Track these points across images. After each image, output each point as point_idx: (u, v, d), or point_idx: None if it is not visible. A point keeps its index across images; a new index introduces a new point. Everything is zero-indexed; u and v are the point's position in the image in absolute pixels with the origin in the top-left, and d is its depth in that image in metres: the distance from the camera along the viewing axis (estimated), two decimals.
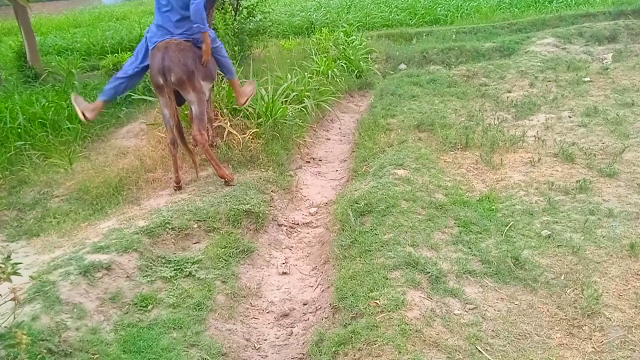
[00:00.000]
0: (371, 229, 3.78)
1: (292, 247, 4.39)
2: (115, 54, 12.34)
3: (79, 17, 22.34)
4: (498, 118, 6.27)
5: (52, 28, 20.25)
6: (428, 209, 4.01)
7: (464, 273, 3.26)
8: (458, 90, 7.63)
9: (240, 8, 9.58)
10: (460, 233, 3.74)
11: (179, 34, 4.50)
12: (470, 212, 4.02)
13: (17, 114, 6.38)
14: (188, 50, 4.44)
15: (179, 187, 4.79)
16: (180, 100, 4.68)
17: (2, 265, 2.19)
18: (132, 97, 7.14)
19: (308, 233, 4.60)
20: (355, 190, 4.45)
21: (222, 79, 6.86)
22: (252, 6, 9.73)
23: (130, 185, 4.99)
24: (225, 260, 3.86)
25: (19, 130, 6.21)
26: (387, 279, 3.14)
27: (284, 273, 4.00)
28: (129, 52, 12.58)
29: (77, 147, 6.14)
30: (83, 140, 6.39)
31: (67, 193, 5.05)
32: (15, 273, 2.12)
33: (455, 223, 3.87)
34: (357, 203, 4.14)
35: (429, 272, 3.19)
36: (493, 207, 4.16)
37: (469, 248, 3.56)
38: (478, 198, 4.33)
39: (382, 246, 3.53)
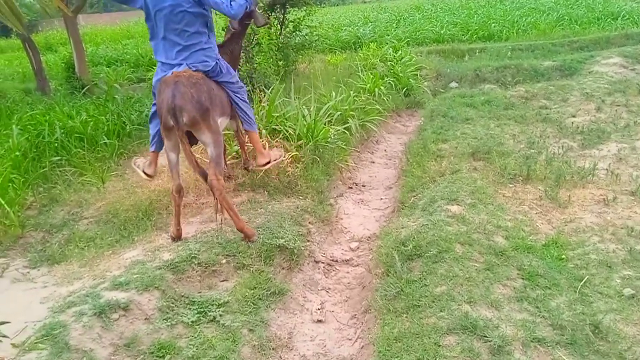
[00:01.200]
0: (420, 278, 3.31)
1: (329, 288, 3.96)
2: (149, 68, 12.39)
3: (132, 28, 22.80)
4: (563, 146, 5.67)
5: (105, 39, 20.73)
6: (486, 256, 3.50)
7: (531, 341, 2.74)
8: (516, 113, 7.05)
9: (286, 22, 9.30)
10: (525, 287, 3.21)
11: (191, 65, 3.83)
12: (536, 261, 3.48)
13: (55, 128, 6.25)
14: (201, 83, 3.76)
15: (178, 238, 4.07)
16: (193, 140, 3.96)
17: None
18: None
19: (348, 273, 4.15)
20: (402, 228, 3.98)
21: (262, 96, 6.56)
22: (298, 20, 9.44)
23: (160, 209, 4.69)
24: (254, 303, 3.46)
25: (56, 144, 6.07)
26: (439, 345, 2.66)
27: (319, 321, 3.56)
28: None
29: (112, 164, 5.93)
30: (119, 156, 6.19)
31: (96, 215, 4.79)
32: None
33: (518, 274, 3.34)
34: (404, 245, 3.67)
35: (490, 340, 2.69)
36: (562, 255, 3.61)
37: (536, 307, 3.03)
38: (544, 243, 3.79)
39: (433, 301, 3.05)
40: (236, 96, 4.24)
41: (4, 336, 1.92)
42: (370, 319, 3.41)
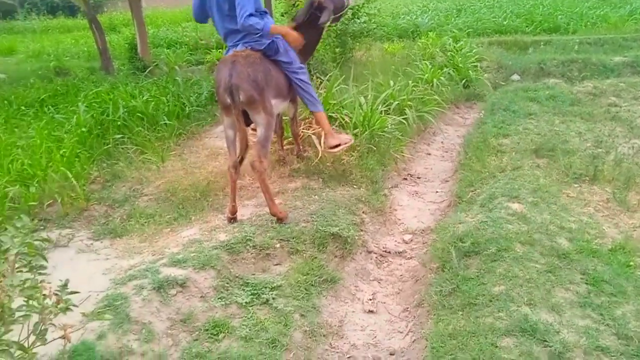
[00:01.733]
0: (477, 276, 3.22)
1: (381, 280, 3.92)
2: (220, 49, 12.56)
3: (191, 11, 23.14)
4: (633, 147, 5.38)
5: (166, 21, 21.20)
6: (548, 257, 3.37)
7: (594, 349, 2.62)
8: (583, 110, 6.74)
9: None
10: (588, 293, 3.07)
11: (245, 43, 3.96)
12: (601, 266, 3.32)
13: (118, 107, 6.45)
14: (258, 63, 3.84)
15: (233, 219, 4.10)
16: (248, 121, 3.99)
17: (59, 294, 1.93)
18: None
19: (400, 265, 4.10)
20: (460, 223, 3.88)
21: (319, 83, 6.54)
22: (357, 7, 9.33)
23: (217, 190, 4.77)
24: (306, 289, 3.47)
25: (119, 123, 6.27)
26: (496, 347, 2.59)
27: (370, 311, 3.54)
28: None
29: (172, 144, 6.08)
30: (178, 137, 6.33)
31: (155, 192, 4.93)
32: (67, 309, 1.87)
33: (582, 279, 3.20)
34: (461, 241, 3.58)
35: (550, 345, 2.59)
36: (630, 262, 3.43)
37: (601, 315, 2.90)
38: (610, 247, 3.61)
39: (491, 301, 2.96)
40: (295, 77, 4.26)
41: (74, 305, 2.00)
42: (422, 314, 3.36)
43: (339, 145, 4.47)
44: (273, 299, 3.34)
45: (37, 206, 4.56)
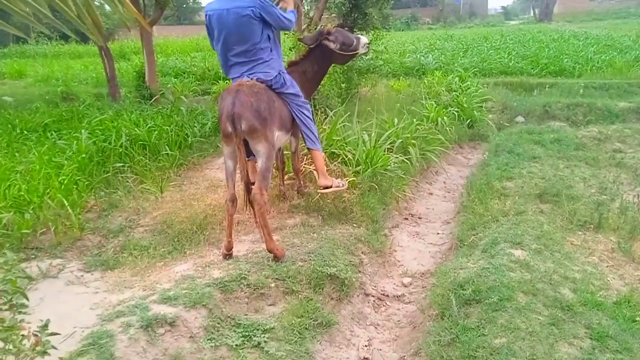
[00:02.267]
0: (478, 326, 3.10)
1: (378, 324, 3.80)
2: (227, 80, 12.68)
3: (201, 42, 23.51)
4: (638, 195, 5.29)
5: (175, 50, 21.52)
6: (552, 309, 3.25)
7: None
8: (587, 154, 6.69)
9: None
10: (593, 349, 2.94)
11: (250, 75, 3.97)
12: (606, 320, 3.20)
13: (121, 135, 6.44)
14: (262, 93, 3.82)
15: (229, 255, 3.99)
16: (248, 153, 3.93)
17: (38, 334, 1.83)
18: None
19: (398, 309, 3.98)
20: (461, 269, 3.78)
21: (324, 119, 6.52)
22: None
23: (214, 224, 4.69)
24: (300, 333, 3.35)
25: (121, 151, 6.24)
26: None
27: (366, 358, 3.40)
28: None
29: (172, 174, 6.03)
30: (179, 167, 6.29)
31: (151, 224, 4.85)
32: (45, 353, 1.77)
33: (586, 333, 3.07)
34: (462, 288, 3.47)
35: None
36: (636, 316, 3.30)
37: None
38: (615, 300, 3.48)
39: (491, 354, 2.84)
40: (299, 111, 4.23)
41: (54, 347, 1.90)
42: None
43: (330, 187, 4.43)
44: (265, 342, 3.21)
45: (30, 234, 4.48)
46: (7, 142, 7.02)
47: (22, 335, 1.86)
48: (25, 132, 7.55)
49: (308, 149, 4.44)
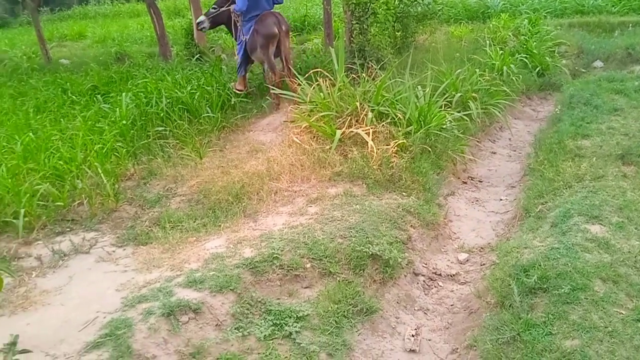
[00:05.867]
0: (545, 323, 2.62)
1: (428, 309, 3.37)
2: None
3: None
4: None
5: None
6: (637, 300, 2.70)
7: None
8: None
9: None
10: None
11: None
12: None
13: (162, 98, 6.19)
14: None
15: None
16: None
17: (6, 353, 1.56)
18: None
19: (452, 291, 3.53)
20: (525, 248, 3.26)
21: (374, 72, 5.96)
22: None
23: (252, 193, 4.37)
24: (337, 321, 3.00)
25: (162, 114, 6.01)
26: None
27: (412, 350, 3.01)
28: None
29: (213, 138, 5.75)
30: (221, 130, 5.99)
31: (188, 193, 4.61)
32: None
33: None
34: (526, 273, 2.97)
35: None
36: None
37: None
38: None
39: (560, 359, 2.36)
40: None
41: None
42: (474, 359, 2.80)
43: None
44: (297, 332, 2.90)
45: (66, 205, 4.34)
46: (57, 107, 6.99)
47: None
48: (75, 96, 7.48)
49: None
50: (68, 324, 2.93)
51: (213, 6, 6.60)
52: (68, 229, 4.16)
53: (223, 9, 6.48)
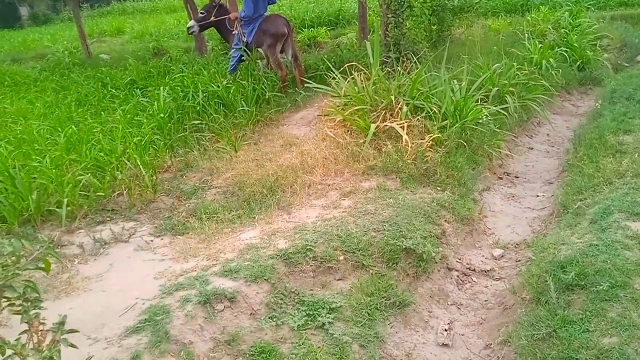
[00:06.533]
0: (582, 320, 2.57)
1: (461, 304, 3.35)
2: (312, 28, 12.19)
3: None
4: None
5: None
6: None
7: None
8: None
9: None
10: None
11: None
12: None
13: (198, 92, 6.30)
14: None
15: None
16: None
17: (55, 332, 1.64)
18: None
19: (486, 287, 3.50)
20: (562, 244, 3.20)
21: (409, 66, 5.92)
22: None
23: (285, 186, 4.41)
24: (369, 313, 3.02)
25: (198, 108, 6.12)
26: None
27: (445, 345, 3.00)
28: (324, 27, 12.34)
29: (247, 132, 5.82)
30: (255, 124, 6.06)
31: (223, 185, 4.69)
32: (51, 358, 1.56)
33: None
34: (563, 269, 2.92)
35: None
36: None
37: None
38: None
39: (598, 357, 2.32)
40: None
41: (73, 346, 1.70)
42: (509, 356, 2.77)
43: None
44: (330, 323, 2.93)
45: (106, 195, 4.48)
46: (98, 101, 7.20)
47: (41, 330, 1.66)
48: (115, 90, 7.69)
49: None
50: (109, 309, 3.02)
51: (201, 11, 7.36)
52: (108, 219, 4.29)
53: (215, 19, 7.18)
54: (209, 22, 7.26)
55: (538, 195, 4.67)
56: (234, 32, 7.14)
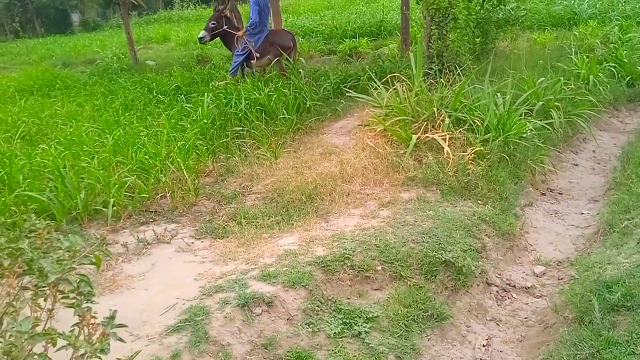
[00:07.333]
0: (627, 342, 2.49)
1: (500, 320, 3.29)
2: (353, 39, 12.25)
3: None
4: None
5: (307, 9, 21.35)
6: None
7: None
8: None
9: None
10: None
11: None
12: None
13: (241, 99, 6.43)
14: None
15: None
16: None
17: (105, 325, 1.70)
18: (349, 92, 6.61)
19: (526, 304, 3.42)
20: (608, 264, 3.11)
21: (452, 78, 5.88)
22: None
23: (324, 195, 4.44)
24: (406, 325, 3.00)
25: (240, 115, 6.23)
26: None
27: None
28: (366, 38, 12.37)
29: (288, 139, 5.89)
30: (295, 132, 6.13)
31: (263, 191, 4.75)
32: (102, 351, 1.62)
33: None
34: (608, 289, 2.83)
35: None
36: None
37: None
38: None
39: None
40: None
41: (121, 340, 1.76)
42: None
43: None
44: (366, 332, 2.93)
45: (150, 197, 4.61)
46: (144, 105, 7.43)
47: (92, 324, 1.73)
48: (160, 95, 7.91)
49: None
50: (150, 307, 3.11)
51: (212, 22, 7.79)
52: (151, 220, 4.42)
53: (224, 28, 7.78)
54: (218, 32, 7.82)
55: (582, 213, 4.55)
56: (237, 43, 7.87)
